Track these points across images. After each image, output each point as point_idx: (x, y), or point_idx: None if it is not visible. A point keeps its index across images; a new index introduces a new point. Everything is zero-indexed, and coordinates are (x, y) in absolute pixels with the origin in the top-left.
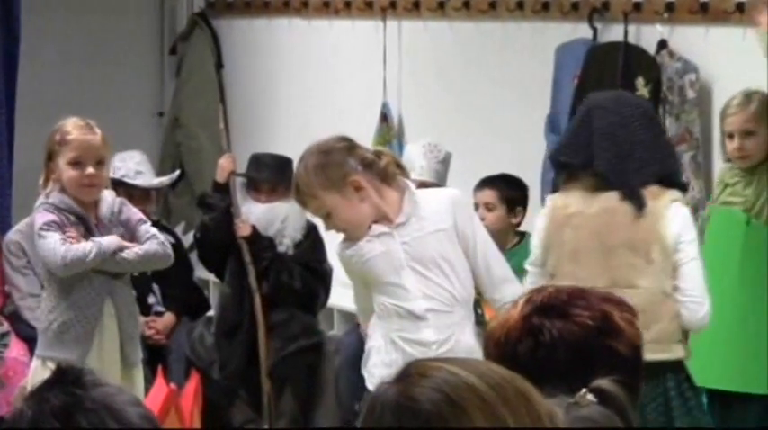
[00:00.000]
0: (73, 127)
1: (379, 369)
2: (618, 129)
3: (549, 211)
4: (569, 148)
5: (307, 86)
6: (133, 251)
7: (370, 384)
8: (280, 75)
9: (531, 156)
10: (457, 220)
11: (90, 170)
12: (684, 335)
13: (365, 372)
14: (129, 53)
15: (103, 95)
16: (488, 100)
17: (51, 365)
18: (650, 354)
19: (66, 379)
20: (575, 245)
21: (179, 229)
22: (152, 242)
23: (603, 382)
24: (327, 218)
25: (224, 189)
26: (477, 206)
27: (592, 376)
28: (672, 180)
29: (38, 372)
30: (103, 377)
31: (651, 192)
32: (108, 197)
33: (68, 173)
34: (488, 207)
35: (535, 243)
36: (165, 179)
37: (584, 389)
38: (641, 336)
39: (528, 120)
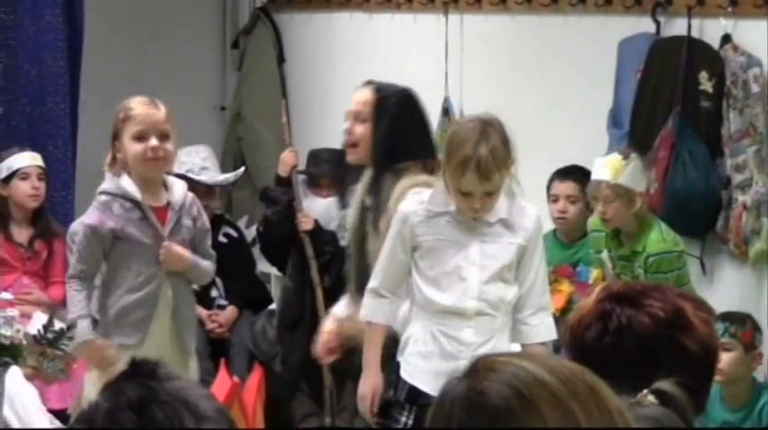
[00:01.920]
0: (136, 103)
1: (415, 358)
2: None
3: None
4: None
5: None
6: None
7: (405, 373)
8: (341, 69)
9: (592, 151)
10: (531, 240)
11: (153, 142)
12: None
13: (401, 360)
14: (191, 47)
15: (166, 89)
16: (550, 94)
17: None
18: None
19: (140, 371)
20: None
21: (241, 223)
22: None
23: (665, 384)
24: (488, 197)
25: (286, 183)
26: (556, 198)
27: (657, 373)
28: None
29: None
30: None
31: None
32: (178, 184)
33: (132, 148)
34: (571, 199)
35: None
36: (230, 176)
37: (645, 390)
38: (717, 339)
39: (590, 115)
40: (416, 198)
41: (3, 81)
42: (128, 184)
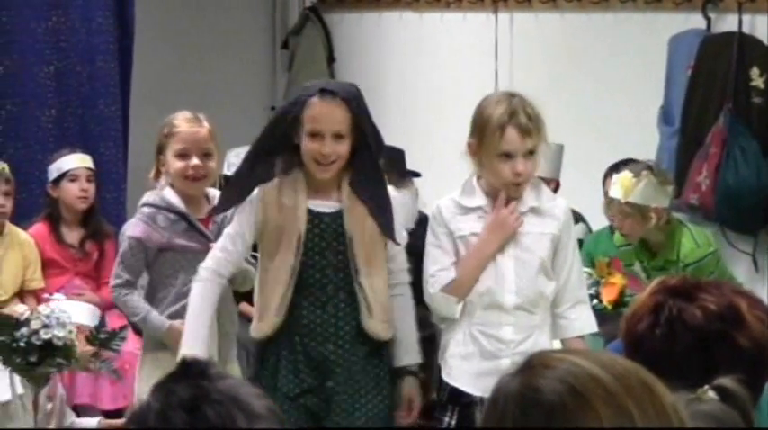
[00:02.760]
0: (181, 119)
1: (455, 360)
2: None
3: None
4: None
5: (418, 80)
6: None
7: (446, 375)
8: (391, 68)
9: (643, 148)
10: (563, 232)
11: (195, 161)
12: None
13: (442, 362)
14: (240, 48)
15: (215, 90)
16: (600, 92)
17: (163, 359)
18: None
19: (191, 371)
20: None
21: None
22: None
23: (727, 381)
24: (530, 155)
25: None
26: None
27: (713, 370)
28: None
29: (148, 370)
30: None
31: None
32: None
33: (175, 164)
34: None
35: None
36: None
37: (706, 386)
38: None
39: (640, 112)
40: (448, 195)
41: (55, 83)
42: (171, 196)
